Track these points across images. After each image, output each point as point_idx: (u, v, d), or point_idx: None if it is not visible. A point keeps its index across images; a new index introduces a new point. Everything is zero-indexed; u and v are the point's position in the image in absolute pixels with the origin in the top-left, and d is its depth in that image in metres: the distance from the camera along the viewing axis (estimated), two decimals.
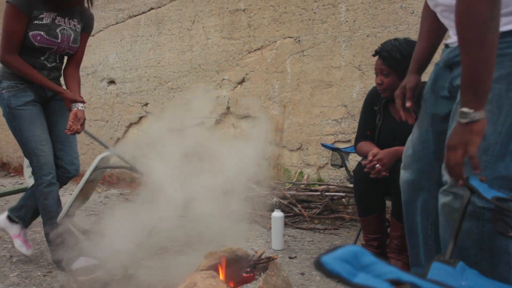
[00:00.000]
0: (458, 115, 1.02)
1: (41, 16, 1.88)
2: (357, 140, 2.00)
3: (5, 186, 4.15)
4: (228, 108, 3.46)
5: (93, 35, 4.20)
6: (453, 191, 1.13)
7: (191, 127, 3.68)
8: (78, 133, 1.98)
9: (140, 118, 3.96)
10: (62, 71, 2.11)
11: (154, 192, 2.08)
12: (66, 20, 1.98)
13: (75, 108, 1.97)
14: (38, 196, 1.98)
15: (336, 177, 3.05)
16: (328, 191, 2.74)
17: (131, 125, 4.04)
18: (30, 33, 1.87)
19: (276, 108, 3.24)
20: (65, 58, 2.08)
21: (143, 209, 2.06)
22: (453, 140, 1.04)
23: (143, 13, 3.85)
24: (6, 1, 1.84)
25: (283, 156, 3.24)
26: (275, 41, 3.22)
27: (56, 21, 1.93)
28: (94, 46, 4.21)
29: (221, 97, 3.49)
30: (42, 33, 1.89)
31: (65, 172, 2.12)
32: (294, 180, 3.09)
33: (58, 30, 1.94)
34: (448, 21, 1.22)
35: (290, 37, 3.16)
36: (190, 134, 3.68)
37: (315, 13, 3.05)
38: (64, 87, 2.06)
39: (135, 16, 3.91)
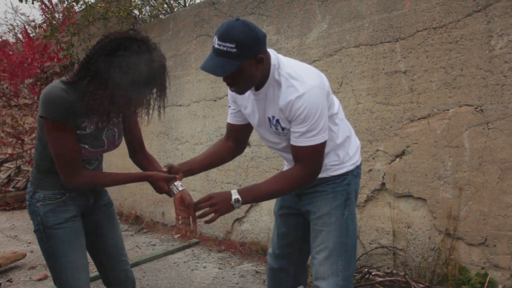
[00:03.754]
0: (234, 200, 1.54)
1: (84, 124, 1.54)
2: None
3: (140, 248, 4.14)
4: (383, 184, 2.97)
5: None
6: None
7: None
8: (195, 232, 1.66)
9: None
10: (102, 164, 1.80)
11: None
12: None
13: (178, 190, 1.60)
14: None
15: None
16: None
17: None
18: None
19: (449, 191, 2.65)
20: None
21: None
22: (219, 202, 1.53)
23: None
24: (40, 116, 1.45)
25: (458, 251, 2.62)
26: (447, 109, 2.67)
27: (99, 125, 1.57)
28: None
29: (375, 171, 3.01)
30: (86, 146, 1.56)
31: None
32: (475, 283, 2.45)
33: (103, 136, 1.62)
34: (286, 154, 1.74)
35: (468, 105, 2.59)
36: None
37: (505, 76, 2.45)
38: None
39: None
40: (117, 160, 5.29)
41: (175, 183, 1.63)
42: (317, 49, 3.37)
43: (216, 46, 1.45)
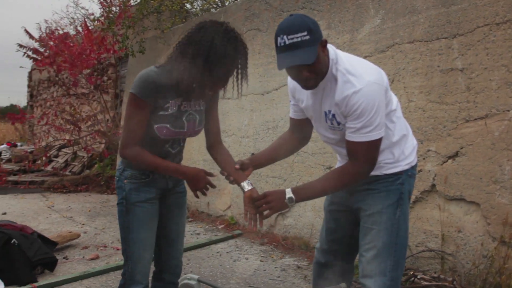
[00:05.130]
0: (288, 199, 1.58)
1: (166, 105, 1.65)
2: None
3: (184, 236, 4.25)
4: (433, 185, 2.87)
5: (277, 89, 4.09)
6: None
7: None
8: (261, 227, 1.71)
9: None
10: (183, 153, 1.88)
11: None
12: (192, 103, 1.73)
13: (248, 189, 1.67)
14: None
15: None
16: None
17: None
18: (155, 126, 1.64)
19: (505, 196, 2.52)
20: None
21: None
22: (273, 200, 1.60)
23: None
24: (130, 92, 1.62)
25: None
26: (507, 110, 2.53)
27: (181, 108, 1.70)
28: (277, 101, 4.09)
29: (425, 171, 2.91)
30: (168, 125, 1.66)
31: (165, 286, 1.92)
32: None
33: (184, 118, 1.71)
34: (341, 149, 1.71)
35: None
36: None
37: None
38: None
39: None
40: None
41: (245, 182, 1.70)
42: (369, 44, 3.30)
43: (288, 42, 1.46)
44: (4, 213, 4.99)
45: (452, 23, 2.81)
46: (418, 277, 2.55)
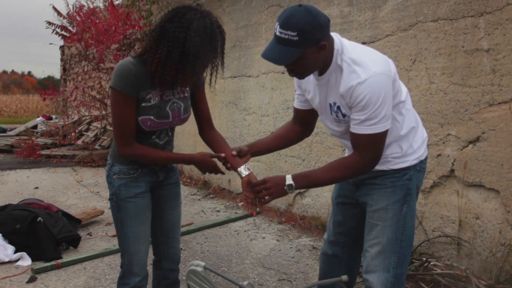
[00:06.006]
0: (288, 186, 1.57)
1: (148, 96, 1.60)
2: None
3: (205, 213, 4.36)
4: (452, 171, 2.79)
5: None
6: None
7: None
8: (261, 211, 1.68)
9: None
10: (173, 142, 1.85)
11: None
12: (174, 91, 1.68)
13: (245, 174, 1.66)
14: None
15: None
16: None
17: None
18: (140, 118, 1.61)
19: None
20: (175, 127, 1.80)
21: None
22: (273, 186, 1.58)
23: None
24: (110, 87, 1.57)
25: None
26: None
27: (164, 97, 1.65)
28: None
29: (444, 156, 2.83)
30: (152, 117, 1.62)
31: (164, 274, 1.95)
32: None
33: (168, 108, 1.66)
34: (346, 141, 1.68)
35: None
36: None
37: None
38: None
39: None
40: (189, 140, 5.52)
41: (243, 167, 1.68)
42: (391, 22, 3.17)
43: (277, 33, 1.42)
44: (36, 188, 5.24)
45: (479, 0, 2.65)
46: (431, 263, 2.52)
